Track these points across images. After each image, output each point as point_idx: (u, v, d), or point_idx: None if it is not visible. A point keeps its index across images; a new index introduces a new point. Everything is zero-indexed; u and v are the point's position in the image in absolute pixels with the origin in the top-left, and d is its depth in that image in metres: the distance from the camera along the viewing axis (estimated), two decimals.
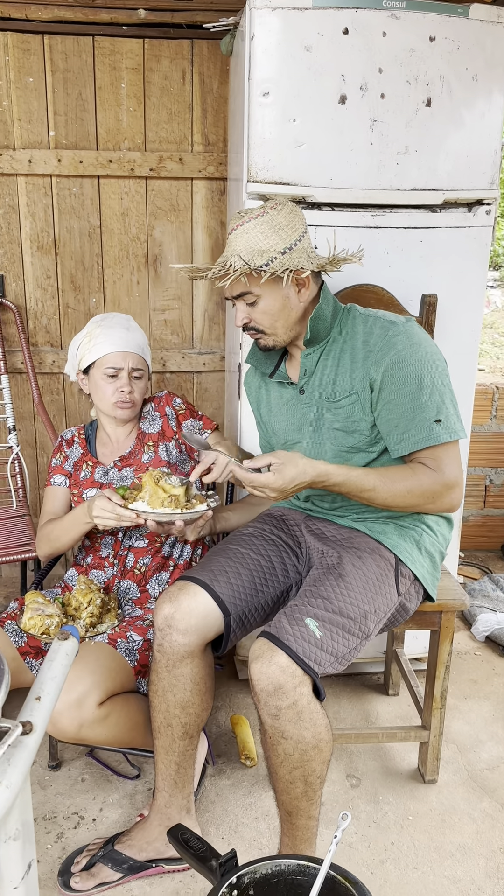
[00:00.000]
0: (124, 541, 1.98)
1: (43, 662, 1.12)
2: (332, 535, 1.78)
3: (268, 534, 1.82)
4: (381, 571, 1.65)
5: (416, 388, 1.61)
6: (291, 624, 1.49)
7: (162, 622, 1.63)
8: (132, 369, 1.96)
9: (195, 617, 1.62)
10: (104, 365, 1.94)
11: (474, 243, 2.18)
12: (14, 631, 1.83)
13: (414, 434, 1.61)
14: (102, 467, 2.03)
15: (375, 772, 2.10)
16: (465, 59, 2.03)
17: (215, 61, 2.71)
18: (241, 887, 1.25)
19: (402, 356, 1.62)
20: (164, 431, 2.04)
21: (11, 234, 2.79)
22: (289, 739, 1.47)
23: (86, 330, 2.00)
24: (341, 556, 1.67)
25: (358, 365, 1.67)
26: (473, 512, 3.44)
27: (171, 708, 1.67)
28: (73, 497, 2.04)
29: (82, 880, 1.69)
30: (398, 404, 1.62)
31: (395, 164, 2.07)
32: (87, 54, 2.66)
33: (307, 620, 1.50)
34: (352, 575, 1.61)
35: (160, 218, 2.84)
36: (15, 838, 0.94)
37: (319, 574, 1.65)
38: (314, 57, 1.97)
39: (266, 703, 1.46)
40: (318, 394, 1.74)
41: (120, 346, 1.94)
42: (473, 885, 1.73)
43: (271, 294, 1.65)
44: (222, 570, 1.70)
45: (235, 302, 1.69)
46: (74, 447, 2.09)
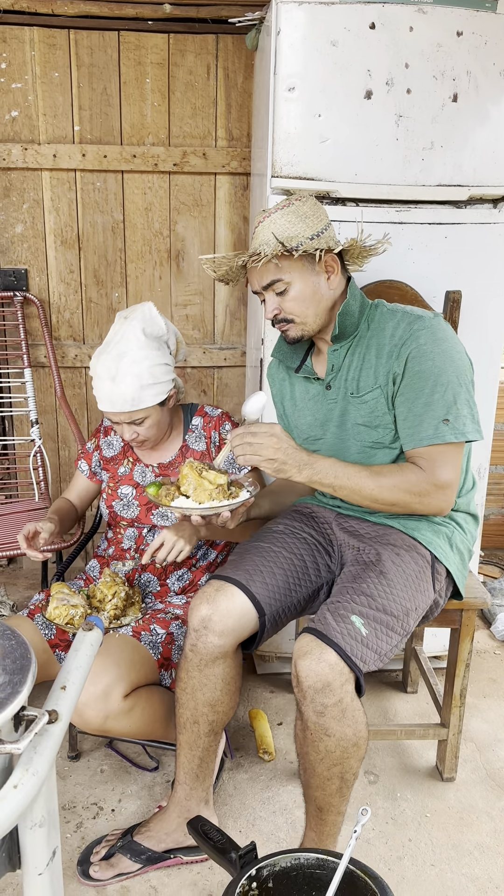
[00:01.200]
0: (147, 536, 1.99)
1: (68, 653, 1.13)
2: (365, 531, 1.77)
3: (299, 531, 1.80)
4: (419, 569, 1.65)
5: (432, 384, 1.60)
6: (337, 621, 1.48)
7: (198, 623, 1.61)
8: (126, 422, 1.88)
9: (232, 619, 1.60)
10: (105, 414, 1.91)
11: (500, 239, 2.16)
12: (44, 623, 1.85)
13: (421, 431, 1.61)
14: (142, 466, 2.02)
15: (394, 769, 2.10)
16: (492, 54, 2.01)
17: (240, 56, 2.71)
18: (260, 880, 1.26)
19: (422, 350, 1.61)
20: (206, 453, 2.02)
21: (35, 228, 2.81)
22: (331, 737, 1.46)
23: (91, 361, 1.90)
24: (379, 552, 1.66)
25: (382, 360, 1.67)
26: (494, 511, 3.42)
27: (200, 706, 1.66)
28: (108, 488, 2.04)
29: (101, 870, 1.70)
30: (410, 398, 1.62)
31: (421, 160, 2.06)
32: (112, 49, 2.67)
33: (352, 618, 1.49)
34: (392, 572, 1.60)
35: (183, 213, 2.85)
36: (41, 825, 0.96)
37: (358, 570, 1.64)
38: (340, 52, 1.96)
39: (312, 700, 1.45)
40: (344, 389, 1.74)
41: (106, 406, 1.85)
42: (491, 883, 1.73)
43: (301, 279, 1.64)
44: (257, 570, 1.67)
45: (264, 294, 1.69)
46: (112, 437, 2.08)
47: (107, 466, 2.07)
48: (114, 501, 2.01)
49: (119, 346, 1.83)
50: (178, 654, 1.82)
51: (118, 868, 1.72)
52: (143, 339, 1.85)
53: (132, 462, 2.04)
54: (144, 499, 1.99)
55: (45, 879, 0.98)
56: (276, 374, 1.93)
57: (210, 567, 2.03)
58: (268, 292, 1.67)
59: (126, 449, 2.06)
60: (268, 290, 1.67)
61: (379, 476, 1.62)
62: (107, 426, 2.11)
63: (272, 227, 1.62)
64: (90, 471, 2.10)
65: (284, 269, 1.63)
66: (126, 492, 2.00)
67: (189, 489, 1.68)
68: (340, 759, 1.49)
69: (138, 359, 1.82)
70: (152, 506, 1.98)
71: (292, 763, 2.10)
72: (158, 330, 1.90)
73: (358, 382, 1.71)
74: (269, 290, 1.66)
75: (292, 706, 2.36)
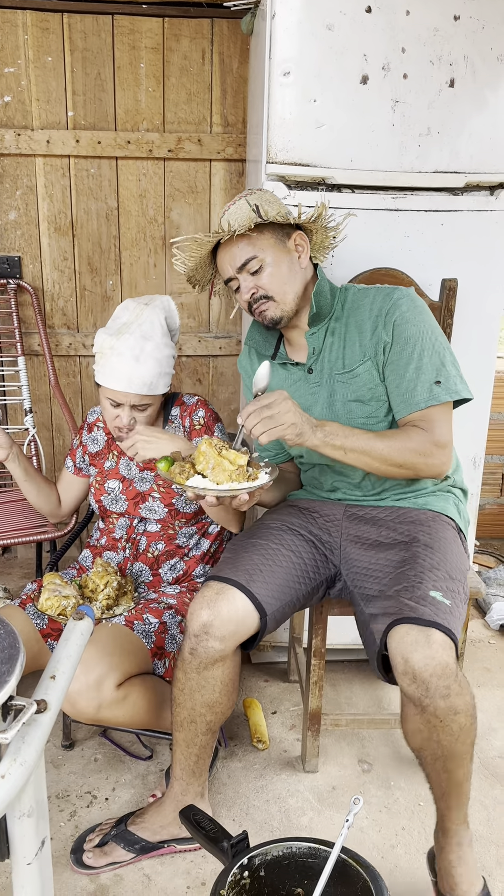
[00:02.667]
0: (138, 525, 1.98)
1: (58, 642, 1.12)
2: (383, 515, 1.76)
3: (296, 528, 1.77)
4: (453, 534, 1.69)
5: (419, 349, 1.64)
6: (420, 602, 1.45)
7: (199, 629, 1.56)
8: (132, 405, 1.85)
9: (233, 623, 1.57)
10: (106, 394, 1.85)
11: (496, 227, 2.14)
12: (35, 613, 1.84)
13: (416, 395, 1.64)
14: (126, 459, 2.01)
15: (387, 757, 2.10)
16: (489, 39, 1.99)
17: (235, 41, 2.68)
18: (252, 868, 1.26)
19: (406, 317, 1.67)
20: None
21: (29, 215, 2.79)
22: (460, 713, 1.43)
23: (100, 340, 1.85)
24: (410, 531, 1.67)
25: (367, 334, 1.70)
26: (490, 500, 3.41)
27: (198, 707, 1.64)
28: (95, 482, 2.03)
29: (94, 857, 1.70)
30: (401, 365, 1.65)
31: (417, 146, 2.04)
32: (106, 33, 2.64)
33: (431, 594, 1.47)
34: (435, 542, 1.62)
35: (178, 200, 2.83)
36: (29, 815, 0.95)
37: (399, 553, 1.63)
38: (336, 36, 1.94)
39: (437, 687, 1.39)
40: (328, 370, 1.74)
41: (122, 386, 1.80)
42: (484, 871, 1.73)
43: (275, 257, 1.66)
44: (257, 570, 1.64)
45: (238, 279, 1.68)
46: (96, 433, 2.07)
47: (93, 462, 2.06)
48: (102, 496, 2.00)
49: (143, 328, 1.83)
50: (172, 644, 1.82)
51: (112, 856, 1.71)
52: (165, 329, 1.87)
53: (117, 456, 2.03)
54: (132, 493, 1.98)
55: (33, 869, 0.98)
56: (249, 366, 1.91)
57: (203, 557, 2.03)
58: (242, 274, 1.67)
59: (110, 443, 2.05)
60: (242, 272, 1.67)
61: (387, 438, 1.62)
62: (90, 422, 2.09)
63: (241, 211, 1.65)
64: (75, 466, 2.08)
65: (258, 247, 1.65)
66: (113, 486, 1.99)
67: (207, 468, 1.57)
68: (471, 728, 1.46)
69: (161, 345, 1.83)
70: (140, 499, 1.96)
71: (286, 752, 2.11)
72: (174, 324, 1.95)
73: (343, 360, 1.72)
74: (243, 270, 1.66)
75: (286, 695, 2.36)
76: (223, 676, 1.63)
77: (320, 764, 2.05)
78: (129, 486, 1.98)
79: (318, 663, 1.94)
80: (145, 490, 1.97)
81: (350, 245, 1.93)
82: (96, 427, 2.08)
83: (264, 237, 1.65)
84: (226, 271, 1.70)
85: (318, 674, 1.95)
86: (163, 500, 1.95)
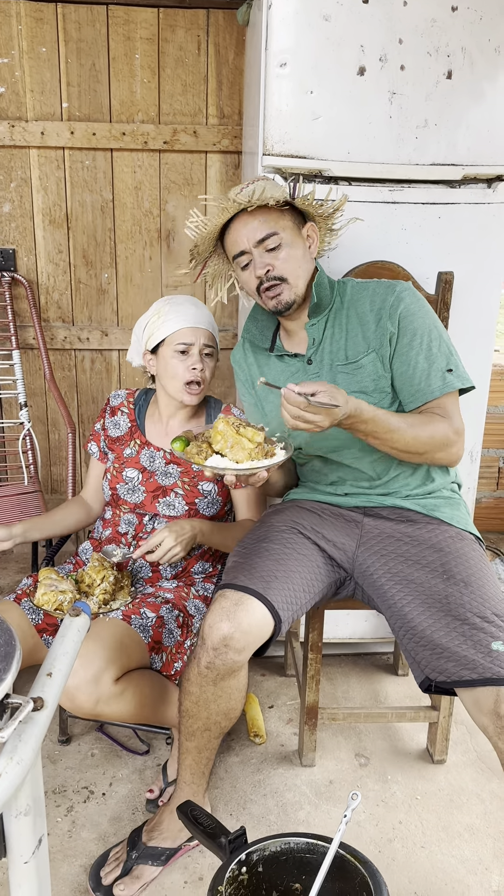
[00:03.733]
0: (147, 524, 1.97)
1: (55, 639, 1.11)
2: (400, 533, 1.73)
3: (307, 532, 1.74)
4: (479, 555, 1.68)
5: (428, 339, 1.67)
6: (485, 658, 1.43)
7: (219, 642, 1.51)
8: (203, 345, 1.91)
9: (253, 634, 1.53)
10: (175, 341, 1.89)
11: (493, 220, 2.13)
12: (31, 608, 1.83)
13: (431, 383, 1.66)
14: (151, 450, 1.99)
15: (384, 751, 2.10)
16: (487, 30, 1.98)
17: (231, 31, 2.66)
18: (250, 864, 1.26)
19: (410, 310, 1.69)
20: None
21: (23, 207, 2.77)
22: None
23: (154, 308, 1.95)
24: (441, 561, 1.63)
25: (370, 326, 1.71)
26: (486, 494, 3.41)
27: (213, 716, 1.62)
28: (112, 468, 2.01)
29: (127, 887, 1.64)
30: (412, 356, 1.67)
31: (414, 138, 2.03)
32: (100, 24, 2.61)
33: (493, 645, 1.44)
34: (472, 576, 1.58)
35: (173, 192, 2.81)
36: (26, 813, 0.94)
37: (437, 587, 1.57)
38: (333, 27, 1.93)
39: None
40: (329, 360, 1.74)
41: (191, 322, 1.89)
42: (481, 864, 1.74)
43: (293, 239, 1.68)
44: (272, 576, 1.60)
45: (252, 252, 1.66)
46: (119, 417, 2.05)
47: (112, 446, 2.04)
48: (118, 484, 1.98)
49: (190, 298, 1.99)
50: (169, 638, 1.81)
51: (143, 878, 1.66)
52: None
53: (139, 445, 2.01)
54: (152, 485, 1.96)
55: (31, 868, 0.97)
56: (244, 360, 1.91)
57: (204, 555, 2.01)
58: (258, 248, 1.66)
59: (133, 430, 2.03)
60: (259, 246, 1.66)
61: (413, 427, 1.61)
62: (114, 405, 2.08)
63: (271, 186, 1.64)
64: (100, 451, 2.07)
65: (280, 226, 1.65)
66: (132, 475, 1.98)
67: (225, 447, 1.54)
68: None
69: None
70: (160, 493, 1.94)
71: (283, 746, 2.11)
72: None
73: (346, 351, 1.72)
74: (260, 245, 1.65)
75: (283, 689, 2.36)
76: (238, 684, 1.61)
77: (317, 758, 2.05)
78: (149, 477, 1.97)
79: (314, 657, 1.94)
80: (168, 485, 1.95)
81: (347, 238, 1.91)
82: (120, 411, 2.06)
83: (285, 219, 1.67)
84: (239, 244, 1.67)
85: (315, 668, 1.95)
86: (185, 497, 1.93)
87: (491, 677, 1.39)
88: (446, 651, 1.47)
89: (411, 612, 1.57)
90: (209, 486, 1.95)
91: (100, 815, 1.85)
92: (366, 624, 2.39)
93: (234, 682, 1.60)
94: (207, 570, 2.03)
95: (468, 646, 1.45)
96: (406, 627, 1.57)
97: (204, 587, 1.98)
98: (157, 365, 1.96)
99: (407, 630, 1.57)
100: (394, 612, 1.62)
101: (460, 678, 1.42)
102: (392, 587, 1.63)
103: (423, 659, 1.51)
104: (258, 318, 1.86)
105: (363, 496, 1.82)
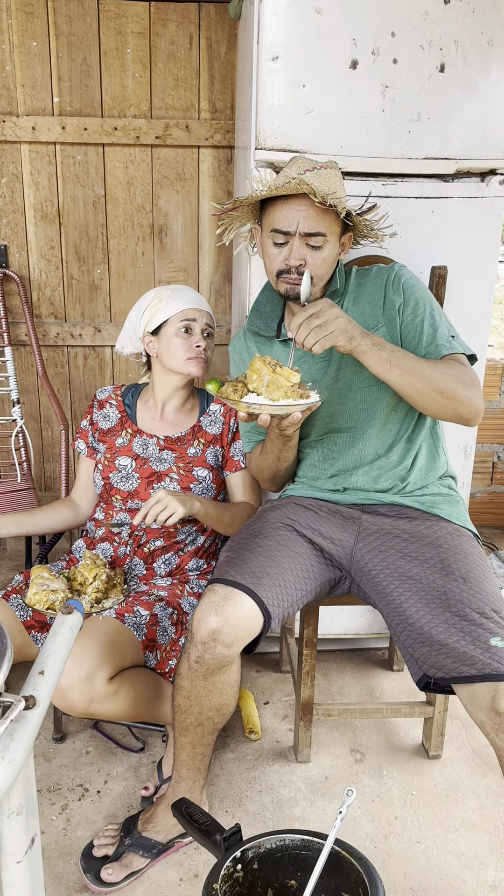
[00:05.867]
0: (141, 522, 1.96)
1: (47, 637, 1.10)
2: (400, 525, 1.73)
3: (302, 529, 1.74)
4: (477, 551, 1.69)
5: (430, 308, 1.74)
6: (485, 654, 1.42)
7: (207, 636, 1.52)
8: (205, 325, 1.98)
9: (242, 629, 1.54)
10: (179, 319, 1.95)
11: (487, 214, 2.13)
12: (19, 605, 1.82)
13: (440, 345, 1.70)
14: (143, 438, 2.01)
15: (380, 747, 2.10)
16: (480, 23, 1.97)
17: (223, 25, 2.64)
18: (245, 861, 1.25)
19: (411, 283, 1.77)
20: (220, 437, 2.02)
21: (15, 203, 2.75)
22: None
23: (153, 293, 2.01)
24: (439, 557, 1.63)
25: (378, 301, 1.76)
26: (480, 489, 3.41)
27: (206, 711, 1.62)
28: (104, 459, 2.02)
29: (115, 872, 1.65)
30: (417, 323, 1.72)
31: (407, 132, 2.02)
32: (91, 18, 2.60)
33: (492, 641, 1.44)
34: (470, 572, 1.58)
35: (166, 187, 2.79)
36: (18, 813, 0.94)
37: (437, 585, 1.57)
38: (325, 20, 1.91)
39: None
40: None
41: (194, 304, 1.98)
42: (477, 859, 1.74)
43: (334, 244, 1.69)
44: (264, 573, 1.60)
45: (291, 239, 1.65)
46: (108, 409, 2.07)
47: (103, 438, 2.05)
48: (111, 473, 1.98)
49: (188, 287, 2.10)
50: (163, 636, 1.81)
51: (131, 867, 1.66)
52: None
53: (131, 433, 2.02)
54: (146, 471, 1.96)
55: (24, 867, 0.96)
56: (246, 348, 1.91)
57: (198, 552, 2.01)
58: (302, 239, 1.65)
59: (124, 420, 2.04)
60: (304, 238, 1.64)
61: (431, 362, 1.63)
62: (101, 399, 2.09)
63: (326, 181, 1.63)
64: (88, 448, 2.07)
65: (330, 228, 1.66)
66: (124, 463, 1.98)
67: (261, 386, 1.51)
68: None
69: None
70: (155, 479, 1.95)
71: (278, 742, 2.10)
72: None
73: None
74: (306, 238, 1.64)
75: (278, 685, 2.36)
76: (229, 679, 1.61)
77: (313, 754, 2.05)
78: (143, 464, 1.98)
79: (309, 653, 1.93)
80: (163, 470, 1.96)
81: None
82: (108, 404, 2.08)
83: (335, 223, 1.67)
84: (288, 224, 1.64)
85: (310, 664, 1.94)
86: (181, 483, 1.95)
87: (490, 673, 1.39)
88: (445, 647, 1.46)
89: (410, 608, 1.56)
90: (204, 472, 1.96)
91: (95, 812, 1.85)
92: (361, 620, 2.38)
93: (224, 676, 1.59)
94: (202, 567, 2.03)
95: (467, 642, 1.45)
96: (404, 624, 1.56)
97: (198, 584, 1.97)
98: (158, 346, 1.99)
99: (405, 626, 1.56)
100: (392, 608, 1.61)
101: (459, 674, 1.42)
102: (390, 583, 1.63)
103: (421, 655, 1.50)
104: (262, 311, 1.87)
105: (362, 493, 1.82)
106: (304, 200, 1.62)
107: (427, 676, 1.49)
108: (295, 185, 1.59)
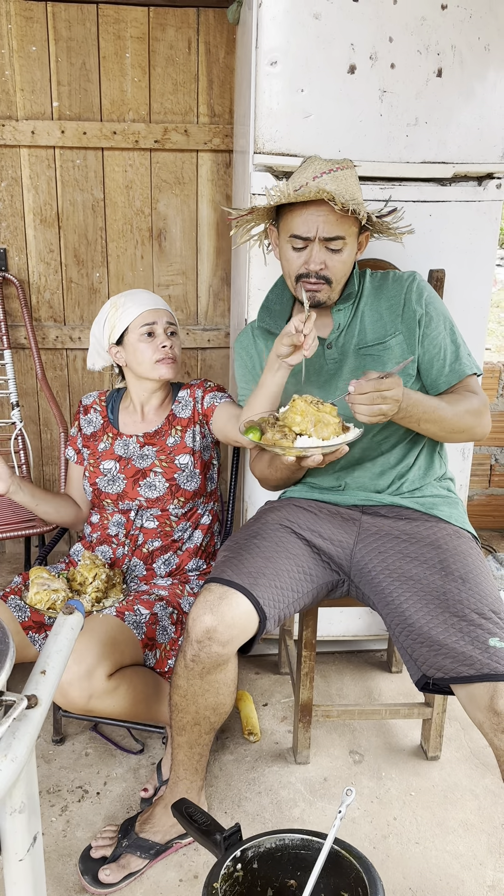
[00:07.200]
0: (136, 521, 1.97)
1: (48, 637, 1.11)
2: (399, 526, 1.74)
3: (300, 530, 1.74)
4: (476, 552, 1.71)
5: (449, 325, 1.77)
6: (484, 654, 1.43)
7: (202, 634, 1.53)
8: (167, 324, 1.97)
9: (237, 628, 1.54)
10: (139, 324, 1.94)
11: (484, 218, 2.14)
12: (17, 605, 1.83)
13: (462, 364, 1.74)
14: (123, 439, 2.02)
15: (378, 748, 2.11)
16: (477, 28, 1.98)
17: (221, 30, 2.66)
18: (244, 861, 1.26)
19: (432, 297, 1.79)
20: (192, 416, 2.02)
21: (14, 206, 2.76)
22: None
23: (109, 304, 2.00)
24: (439, 558, 1.63)
25: (396, 308, 1.77)
26: (478, 491, 3.42)
27: (202, 710, 1.63)
28: (89, 465, 2.03)
29: (113, 873, 1.65)
30: (440, 339, 1.75)
31: (405, 136, 2.04)
32: (90, 22, 2.61)
33: (491, 642, 1.44)
34: (469, 573, 1.59)
35: (165, 191, 2.81)
36: (20, 811, 0.94)
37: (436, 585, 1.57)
38: (323, 25, 1.93)
39: None
40: (354, 344, 1.78)
41: (150, 305, 1.97)
42: (475, 860, 1.74)
43: (352, 245, 1.71)
44: (260, 573, 1.60)
45: (311, 244, 1.65)
46: (92, 415, 2.09)
47: (87, 444, 2.06)
48: (97, 478, 2.00)
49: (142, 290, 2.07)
50: (163, 635, 1.81)
51: (129, 868, 1.67)
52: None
53: (112, 437, 2.03)
54: (131, 471, 1.97)
55: (25, 865, 0.97)
56: (252, 346, 1.90)
57: (196, 551, 2.02)
58: (319, 244, 1.65)
59: (106, 425, 2.05)
60: (322, 242, 1.65)
61: (452, 404, 1.67)
62: (86, 404, 2.11)
63: (344, 183, 1.64)
64: (78, 454, 2.09)
65: (349, 232, 1.67)
66: (108, 466, 2.00)
67: (309, 427, 1.52)
68: None
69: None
70: (140, 476, 1.97)
71: (277, 744, 2.11)
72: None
73: (371, 334, 1.77)
74: (324, 242, 1.65)
75: (277, 687, 2.36)
76: (226, 679, 1.62)
77: (312, 755, 2.06)
78: (126, 464, 1.99)
79: (308, 655, 1.94)
80: (146, 466, 1.97)
81: None
82: (92, 409, 2.10)
83: (354, 225, 1.68)
84: (307, 230, 1.64)
85: (309, 665, 1.95)
86: (165, 474, 1.96)
87: (489, 673, 1.40)
88: (444, 647, 1.47)
89: (409, 608, 1.57)
90: (186, 459, 1.98)
91: (94, 814, 1.85)
92: (359, 621, 2.39)
93: (220, 676, 1.60)
94: (202, 567, 2.03)
95: (466, 642, 1.45)
96: (403, 624, 1.57)
97: (198, 584, 1.98)
98: (125, 355, 1.99)
99: (404, 627, 1.57)
100: (391, 609, 1.62)
101: (458, 674, 1.43)
102: (390, 584, 1.64)
103: (420, 656, 1.51)
104: (272, 309, 1.86)
105: (362, 492, 1.82)
106: (324, 206, 1.62)
107: (426, 677, 1.49)
108: (314, 192, 1.59)
